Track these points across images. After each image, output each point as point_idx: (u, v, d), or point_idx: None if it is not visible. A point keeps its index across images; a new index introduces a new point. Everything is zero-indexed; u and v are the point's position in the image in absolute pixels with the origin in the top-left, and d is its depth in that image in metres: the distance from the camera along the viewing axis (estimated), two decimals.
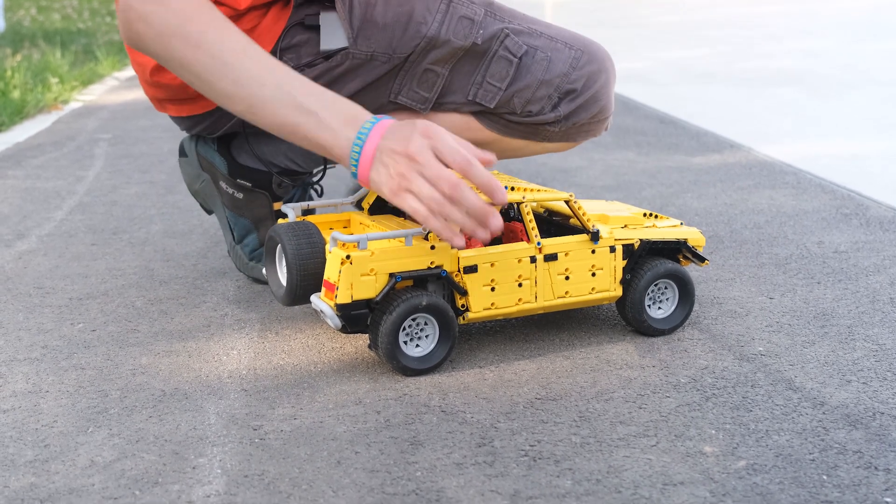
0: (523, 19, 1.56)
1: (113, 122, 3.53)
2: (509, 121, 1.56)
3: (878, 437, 1.10)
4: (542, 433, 1.12)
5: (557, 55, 1.53)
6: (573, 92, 1.54)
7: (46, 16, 8.27)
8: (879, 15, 6.85)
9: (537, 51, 1.53)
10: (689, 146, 2.82)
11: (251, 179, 1.64)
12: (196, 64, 1.29)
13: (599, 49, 1.57)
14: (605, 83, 1.56)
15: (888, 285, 1.59)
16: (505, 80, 1.53)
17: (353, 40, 1.51)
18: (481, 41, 1.51)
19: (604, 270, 1.37)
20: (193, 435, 1.13)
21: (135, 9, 1.29)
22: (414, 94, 1.55)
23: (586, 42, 1.57)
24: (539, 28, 1.55)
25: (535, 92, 1.53)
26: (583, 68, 1.54)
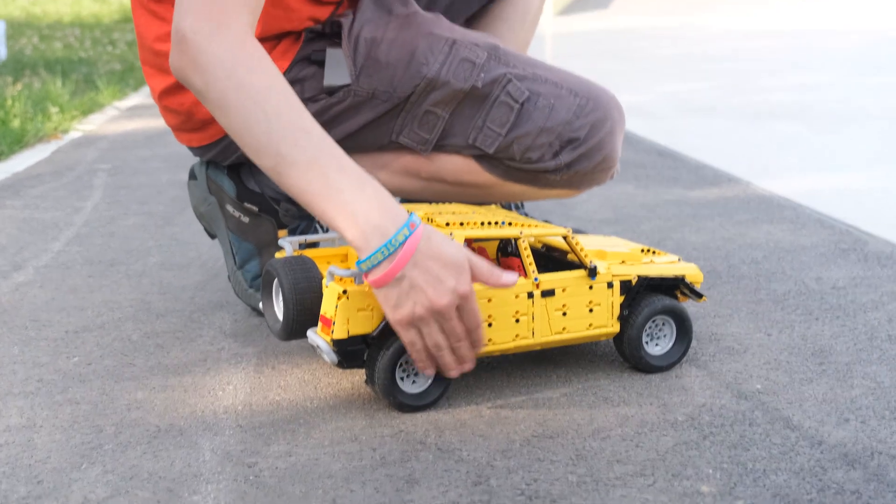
0: (529, 64, 1.54)
1: (112, 152, 3.53)
2: (509, 166, 1.55)
3: (876, 477, 1.09)
4: (539, 472, 1.12)
5: (561, 102, 1.51)
6: (576, 140, 1.52)
7: (48, 44, 8.30)
8: (878, 49, 6.87)
9: (540, 97, 1.52)
10: (687, 180, 2.82)
11: (258, 204, 1.64)
12: (235, 107, 1.24)
13: (606, 97, 1.54)
14: (609, 132, 1.53)
15: (886, 322, 1.59)
16: (505, 125, 1.52)
17: (355, 77, 1.51)
18: (482, 84, 1.50)
19: (601, 306, 1.36)
20: (188, 472, 1.13)
21: (187, 40, 1.25)
22: (415, 135, 1.54)
23: (593, 89, 1.54)
24: (544, 74, 1.54)
25: (535, 139, 1.51)
26: (587, 116, 1.51)
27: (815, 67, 5.80)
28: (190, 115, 1.57)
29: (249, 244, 1.67)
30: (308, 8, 1.52)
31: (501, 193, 1.61)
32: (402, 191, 1.63)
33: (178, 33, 1.26)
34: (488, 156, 1.55)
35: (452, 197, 1.63)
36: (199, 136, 1.61)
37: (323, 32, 1.55)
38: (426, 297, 1.18)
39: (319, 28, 1.55)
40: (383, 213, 1.20)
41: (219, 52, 1.25)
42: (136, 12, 1.57)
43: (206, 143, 1.62)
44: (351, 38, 1.52)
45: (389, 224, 1.19)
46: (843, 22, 9.24)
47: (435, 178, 1.59)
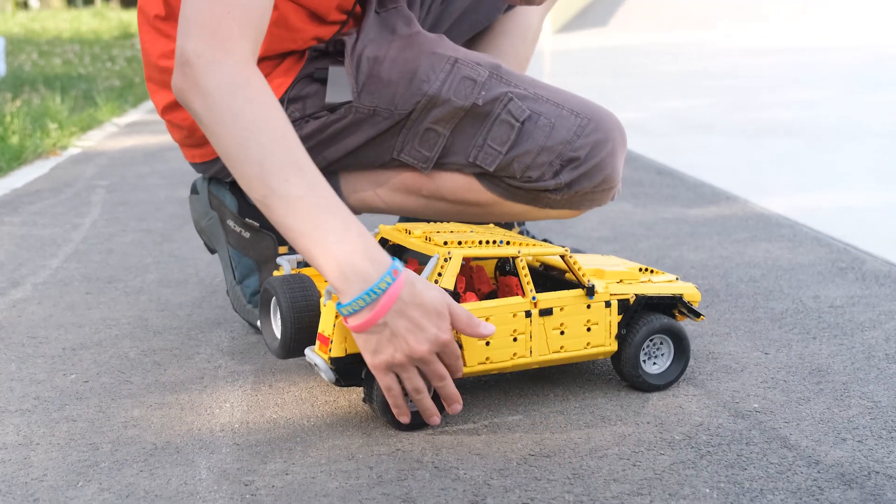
0: (531, 84, 1.55)
1: (111, 168, 3.54)
2: (510, 185, 1.55)
3: (873, 497, 1.09)
4: (536, 490, 1.11)
5: (561, 122, 1.52)
6: (576, 160, 1.52)
7: (47, 61, 8.31)
8: (877, 67, 6.89)
9: (541, 116, 1.52)
10: (686, 198, 2.82)
11: (259, 219, 1.65)
12: (231, 135, 1.24)
13: (608, 117, 1.55)
14: (610, 153, 1.54)
15: (884, 341, 1.59)
16: (505, 144, 1.52)
17: (357, 94, 1.52)
18: (483, 102, 1.51)
19: (599, 325, 1.36)
20: (184, 490, 1.13)
21: (191, 64, 1.26)
22: (416, 153, 1.55)
23: (595, 110, 1.55)
24: (546, 94, 1.55)
25: (535, 158, 1.52)
26: (588, 136, 1.52)
27: (814, 84, 5.82)
28: (192, 130, 1.58)
29: (249, 259, 1.67)
30: (312, 28, 1.52)
31: (502, 212, 1.61)
32: (402, 209, 1.63)
33: (181, 55, 1.27)
34: (489, 174, 1.55)
35: (453, 216, 1.63)
36: (201, 151, 1.62)
37: (327, 51, 1.56)
38: (406, 344, 1.19)
39: (323, 47, 1.56)
40: (367, 257, 1.19)
41: (219, 79, 1.25)
42: (142, 29, 1.58)
43: (208, 159, 1.62)
44: (354, 56, 1.53)
45: (372, 270, 1.18)
46: (841, 39, 9.27)
47: (435, 197, 1.59)
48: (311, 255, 1.21)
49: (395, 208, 1.63)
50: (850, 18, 11.51)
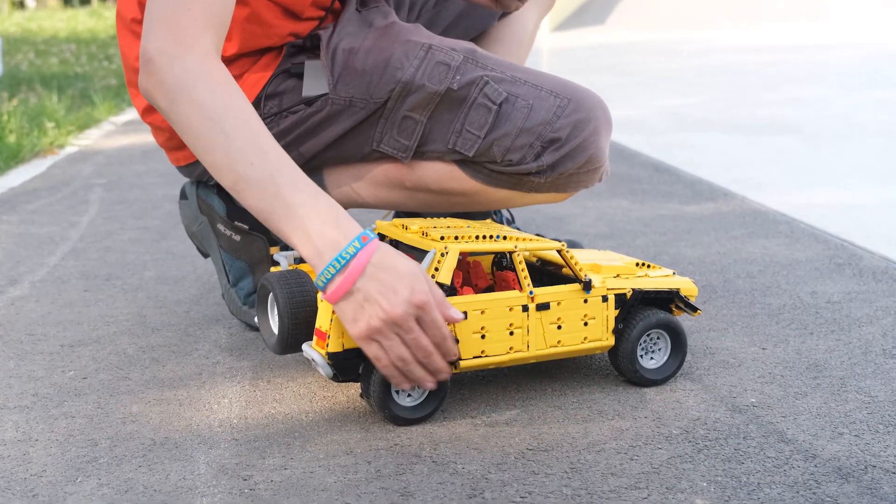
0: (508, 67, 1.54)
1: (108, 167, 3.54)
2: (491, 170, 1.55)
3: (869, 491, 1.10)
4: (533, 485, 1.12)
5: (540, 103, 1.50)
6: (557, 141, 1.50)
7: (44, 60, 8.31)
8: (875, 65, 6.89)
9: (518, 98, 1.51)
10: (683, 194, 2.83)
11: (249, 222, 1.65)
12: (196, 127, 1.27)
13: (590, 97, 1.53)
14: (593, 132, 1.51)
15: (881, 336, 1.59)
16: (483, 127, 1.51)
17: (332, 86, 1.52)
18: (457, 87, 1.50)
19: (596, 320, 1.37)
20: (183, 485, 1.13)
21: (153, 62, 1.29)
22: (395, 142, 1.55)
23: (576, 90, 1.53)
24: (523, 76, 1.53)
25: (514, 140, 1.50)
26: (568, 117, 1.50)
27: (811, 82, 5.82)
28: (173, 133, 1.58)
29: (242, 262, 1.67)
30: (286, 24, 1.53)
31: (487, 200, 1.60)
32: (388, 202, 1.63)
33: (144, 55, 1.30)
34: (470, 161, 1.55)
35: (438, 206, 1.63)
36: (184, 154, 1.63)
37: (304, 46, 1.57)
38: (381, 307, 1.19)
39: (301, 42, 1.56)
40: (336, 228, 1.22)
41: (180, 74, 1.28)
42: (120, 33, 1.59)
43: (191, 161, 1.63)
44: (329, 48, 1.53)
45: (342, 238, 1.20)
46: (839, 37, 9.27)
47: (419, 188, 1.59)
48: (285, 234, 1.24)
49: (382, 202, 1.63)
50: (847, 17, 11.51)
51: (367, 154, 1.57)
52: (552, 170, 1.52)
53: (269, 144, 1.27)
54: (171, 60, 1.28)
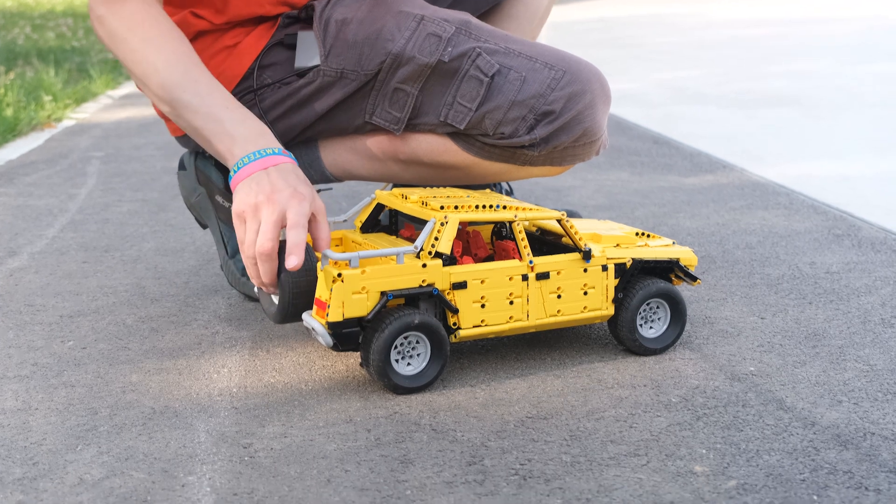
0: (503, 39, 1.52)
1: (106, 140, 3.53)
2: (485, 143, 1.53)
3: (868, 458, 1.10)
4: (533, 452, 1.12)
5: (534, 75, 1.48)
6: (551, 114, 1.48)
7: (41, 34, 8.28)
8: (873, 37, 6.87)
9: (511, 70, 1.49)
10: (682, 167, 2.82)
11: None
12: (135, 66, 1.44)
13: (586, 68, 1.51)
14: (588, 104, 1.49)
15: (879, 306, 1.60)
16: (475, 100, 1.49)
17: (324, 58, 1.52)
18: (448, 59, 1.49)
19: (596, 289, 1.37)
20: (183, 453, 1.13)
21: (94, 11, 1.46)
22: (386, 115, 1.54)
23: (571, 62, 1.51)
24: (518, 48, 1.51)
25: (506, 113, 1.49)
26: (563, 89, 1.48)
27: (810, 55, 5.80)
28: None
29: None
30: None
31: (481, 173, 1.59)
32: (382, 175, 1.63)
33: (90, 3, 1.46)
34: (463, 133, 1.54)
35: (433, 180, 1.62)
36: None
37: (299, 17, 1.57)
38: (261, 192, 1.27)
39: (296, 13, 1.56)
40: (260, 138, 1.37)
41: (114, 19, 1.44)
42: None
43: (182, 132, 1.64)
44: (322, 19, 1.53)
45: (264, 144, 1.35)
46: (837, 10, 9.24)
47: (413, 161, 1.58)
48: (216, 148, 1.40)
49: (376, 174, 1.63)
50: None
51: (359, 126, 1.57)
52: (546, 143, 1.50)
53: (199, 74, 1.43)
54: (108, 9, 1.45)
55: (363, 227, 1.46)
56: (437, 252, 1.28)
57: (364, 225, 1.46)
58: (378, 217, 1.47)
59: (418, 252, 1.28)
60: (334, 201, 2.41)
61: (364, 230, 1.46)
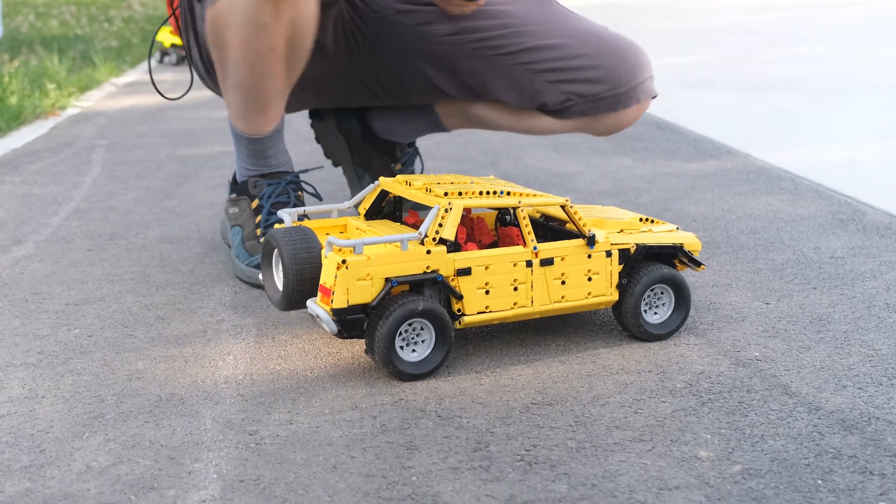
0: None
1: (110, 128, 3.53)
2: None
3: (873, 442, 1.10)
4: (538, 438, 1.12)
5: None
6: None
7: (44, 22, 8.28)
8: (877, 22, 6.86)
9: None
10: (686, 152, 2.82)
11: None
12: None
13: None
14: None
15: (884, 291, 1.60)
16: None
17: None
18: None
19: (600, 275, 1.37)
20: (189, 440, 1.13)
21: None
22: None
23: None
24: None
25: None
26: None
27: (814, 40, 5.79)
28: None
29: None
30: None
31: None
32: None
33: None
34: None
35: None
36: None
37: None
38: None
39: None
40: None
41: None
42: None
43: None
44: None
45: None
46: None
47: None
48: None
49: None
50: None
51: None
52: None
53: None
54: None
55: (367, 214, 1.46)
56: (441, 238, 1.28)
57: (368, 212, 1.46)
58: (382, 204, 1.47)
59: (422, 238, 1.28)
60: (338, 188, 2.41)
61: (368, 217, 1.47)
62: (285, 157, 1.78)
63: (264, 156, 1.75)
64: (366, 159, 2.10)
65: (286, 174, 1.77)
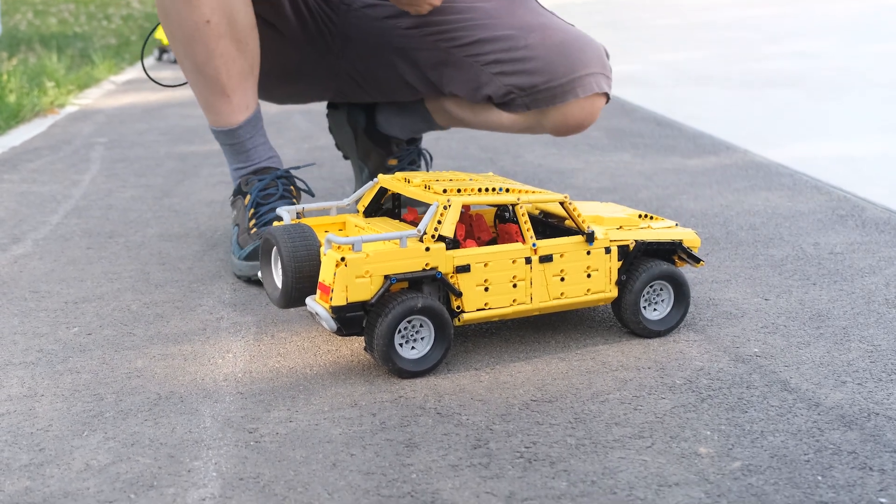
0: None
1: (109, 125, 3.53)
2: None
3: (872, 438, 1.10)
4: (538, 435, 1.12)
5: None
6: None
7: (43, 20, 8.27)
8: (876, 17, 6.85)
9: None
10: (685, 148, 2.82)
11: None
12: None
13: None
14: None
15: (883, 286, 1.60)
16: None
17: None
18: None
19: (599, 272, 1.37)
20: (189, 438, 1.13)
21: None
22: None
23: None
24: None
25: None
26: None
27: (813, 35, 5.79)
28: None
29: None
30: None
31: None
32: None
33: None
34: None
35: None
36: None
37: None
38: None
39: None
40: None
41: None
42: None
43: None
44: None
45: None
46: None
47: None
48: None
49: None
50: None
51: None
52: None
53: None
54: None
55: (366, 212, 1.46)
56: (440, 235, 1.28)
57: (367, 209, 1.46)
58: (381, 201, 1.47)
59: (421, 236, 1.28)
60: (337, 185, 2.41)
61: (367, 214, 1.47)
62: (269, 152, 1.80)
63: (244, 149, 1.77)
64: (365, 151, 2.14)
65: (275, 170, 1.79)
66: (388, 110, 2.10)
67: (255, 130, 1.76)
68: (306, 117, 3.58)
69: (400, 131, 2.11)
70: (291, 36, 1.86)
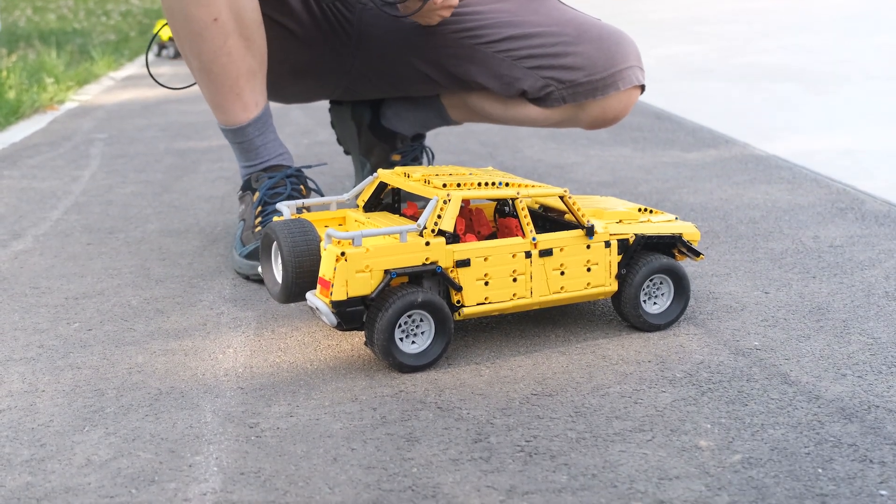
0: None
1: (109, 121, 3.53)
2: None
3: (873, 431, 1.10)
4: (538, 429, 1.12)
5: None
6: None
7: (42, 16, 8.27)
8: (875, 10, 6.85)
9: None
10: (685, 142, 2.82)
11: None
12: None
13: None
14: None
15: (883, 279, 1.60)
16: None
17: None
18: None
19: (599, 265, 1.37)
20: (190, 433, 1.13)
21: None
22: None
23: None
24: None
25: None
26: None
27: (812, 29, 5.79)
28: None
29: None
30: None
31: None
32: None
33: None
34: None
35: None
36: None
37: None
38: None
39: None
40: None
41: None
42: None
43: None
44: None
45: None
46: None
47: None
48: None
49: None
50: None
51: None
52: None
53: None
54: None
55: (366, 206, 1.46)
56: (440, 230, 1.28)
57: (367, 204, 1.46)
58: (380, 196, 1.47)
59: (421, 230, 1.28)
60: (337, 181, 2.41)
61: (367, 209, 1.47)
62: (279, 149, 1.79)
63: (253, 147, 1.77)
64: (368, 147, 2.14)
65: (286, 168, 1.78)
66: (398, 105, 2.09)
67: (265, 128, 1.76)
68: (305, 112, 3.58)
69: (408, 127, 2.11)
70: (303, 35, 1.86)
